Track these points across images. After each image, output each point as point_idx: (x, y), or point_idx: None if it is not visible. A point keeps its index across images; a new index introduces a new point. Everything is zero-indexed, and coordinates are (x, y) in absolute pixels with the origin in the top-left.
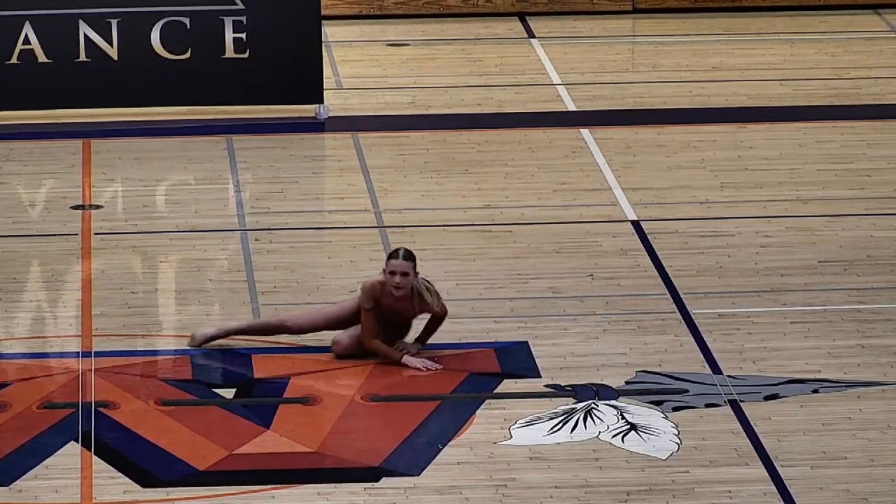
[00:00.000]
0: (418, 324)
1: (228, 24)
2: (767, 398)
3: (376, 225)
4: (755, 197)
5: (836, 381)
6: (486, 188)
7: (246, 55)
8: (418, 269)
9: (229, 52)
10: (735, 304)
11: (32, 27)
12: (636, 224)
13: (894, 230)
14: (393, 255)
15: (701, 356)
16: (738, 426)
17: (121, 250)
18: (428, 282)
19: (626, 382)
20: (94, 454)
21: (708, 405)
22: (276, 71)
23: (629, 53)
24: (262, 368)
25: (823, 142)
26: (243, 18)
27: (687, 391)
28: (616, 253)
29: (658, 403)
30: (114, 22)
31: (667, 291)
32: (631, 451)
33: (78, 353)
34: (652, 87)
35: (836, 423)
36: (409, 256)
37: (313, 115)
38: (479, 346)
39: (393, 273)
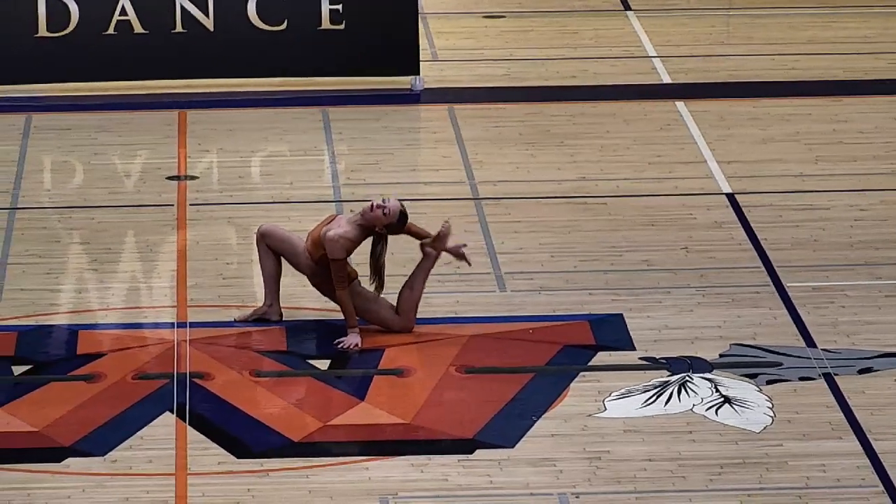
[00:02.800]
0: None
1: None
2: (861, 372)
3: (471, 197)
4: (849, 170)
5: None
6: (580, 160)
7: (342, 26)
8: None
9: (325, 24)
10: (829, 278)
11: None
12: (730, 197)
13: None
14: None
15: (795, 329)
16: (831, 399)
17: (215, 221)
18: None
19: (720, 355)
20: (189, 425)
21: (802, 378)
22: (371, 42)
23: (724, 26)
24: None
25: None
26: None
27: (781, 364)
28: (710, 226)
29: (752, 377)
30: None
31: (761, 264)
32: (724, 424)
33: (172, 323)
34: (746, 60)
35: None
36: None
37: (408, 86)
38: (573, 318)
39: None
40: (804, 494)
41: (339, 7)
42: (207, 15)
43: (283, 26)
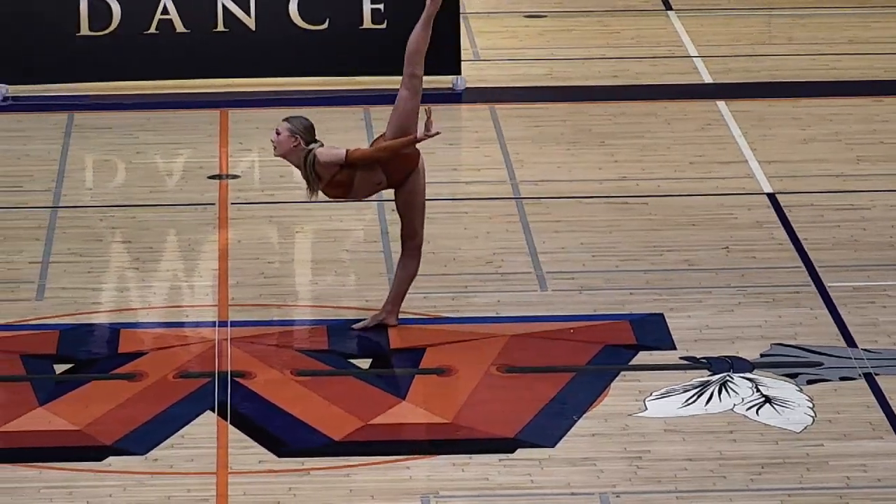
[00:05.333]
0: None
1: None
2: None
3: (512, 196)
4: (890, 170)
5: None
6: (621, 160)
7: (383, 26)
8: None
9: (367, 23)
10: (870, 278)
11: None
12: (771, 196)
13: None
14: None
15: (836, 329)
16: (872, 399)
17: (257, 220)
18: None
19: (761, 355)
20: (230, 424)
21: (842, 378)
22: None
23: (765, 26)
24: (398, 339)
25: None
26: None
27: (821, 364)
28: (751, 225)
29: (792, 376)
30: None
31: (801, 264)
32: (765, 424)
33: (214, 322)
34: (787, 60)
35: None
36: (289, 119)
37: (450, 86)
38: (614, 317)
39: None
40: (845, 494)
41: (381, 6)
42: (249, 14)
43: (325, 26)
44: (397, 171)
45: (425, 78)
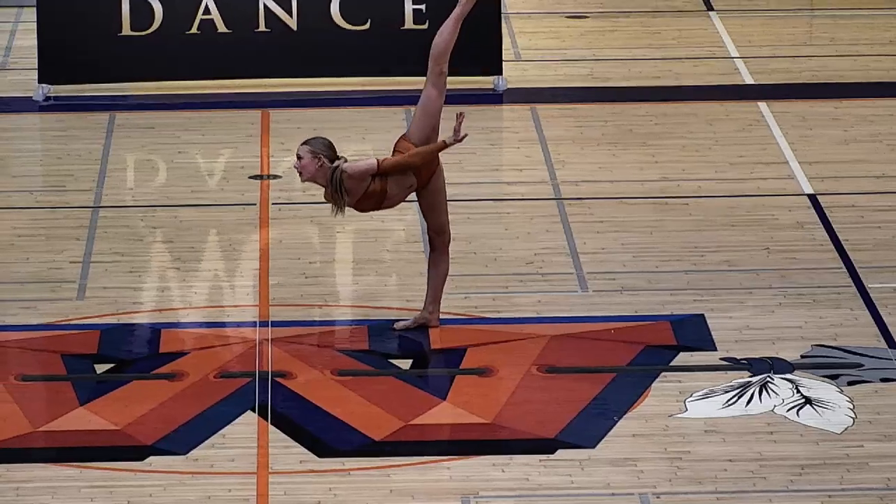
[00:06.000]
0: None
1: None
2: None
3: (553, 197)
4: None
5: None
6: (662, 161)
7: (425, 26)
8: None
9: (408, 24)
10: None
11: None
12: (812, 197)
13: None
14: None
15: (876, 330)
16: None
17: (298, 220)
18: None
19: (802, 356)
20: (270, 424)
21: (883, 379)
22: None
23: (807, 27)
24: (439, 339)
25: None
26: None
27: (862, 365)
28: (792, 226)
29: (833, 377)
30: None
31: (842, 265)
32: (805, 425)
33: (255, 322)
34: (829, 61)
35: None
36: (307, 142)
37: (491, 86)
38: (654, 318)
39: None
40: (885, 495)
41: (423, 7)
42: (291, 14)
43: (367, 26)
44: (426, 172)
45: (466, 78)
